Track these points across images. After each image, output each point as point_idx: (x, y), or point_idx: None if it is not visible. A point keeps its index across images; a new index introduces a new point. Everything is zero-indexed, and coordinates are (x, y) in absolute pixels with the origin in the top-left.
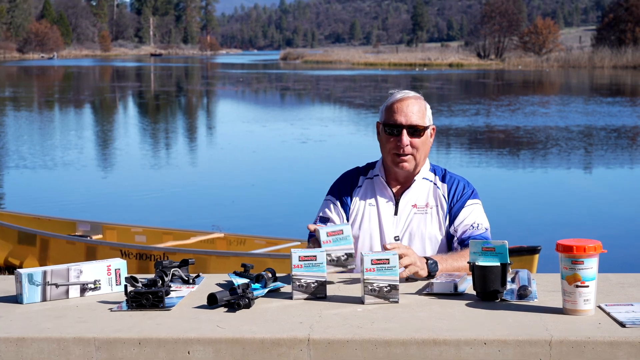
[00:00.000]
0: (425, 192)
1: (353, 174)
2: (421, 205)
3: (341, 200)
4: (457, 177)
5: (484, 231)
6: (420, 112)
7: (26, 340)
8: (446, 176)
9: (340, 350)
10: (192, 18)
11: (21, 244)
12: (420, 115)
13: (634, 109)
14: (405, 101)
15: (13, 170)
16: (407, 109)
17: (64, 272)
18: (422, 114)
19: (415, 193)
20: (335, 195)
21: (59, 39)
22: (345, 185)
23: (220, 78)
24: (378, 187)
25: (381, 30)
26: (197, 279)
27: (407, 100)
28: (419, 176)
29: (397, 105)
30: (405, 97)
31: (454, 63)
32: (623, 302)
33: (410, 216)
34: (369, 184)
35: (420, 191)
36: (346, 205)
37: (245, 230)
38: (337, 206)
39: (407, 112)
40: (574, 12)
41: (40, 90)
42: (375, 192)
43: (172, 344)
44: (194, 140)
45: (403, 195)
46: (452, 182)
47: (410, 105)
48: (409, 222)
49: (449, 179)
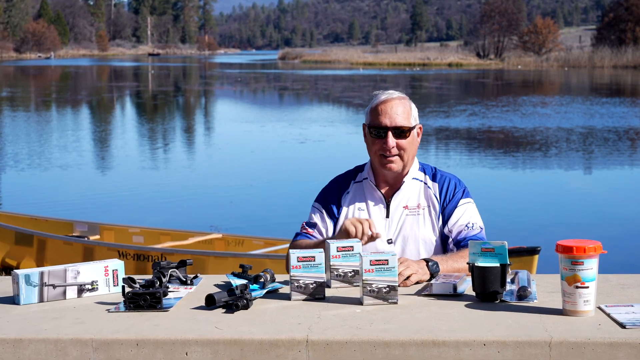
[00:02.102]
0: (416, 193)
1: (342, 179)
2: (412, 206)
3: (327, 208)
4: (448, 175)
5: (479, 231)
6: (405, 113)
7: (23, 342)
8: (437, 175)
9: (339, 351)
10: (190, 17)
11: (18, 244)
12: (405, 115)
13: (634, 109)
14: (389, 102)
15: (10, 171)
16: (392, 110)
17: (61, 273)
18: (407, 114)
19: (405, 194)
20: (321, 202)
21: (56, 39)
22: (332, 192)
23: (219, 78)
24: (368, 190)
25: (380, 30)
26: (195, 280)
27: (391, 102)
28: (408, 177)
29: (381, 107)
30: (389, 99)
31: (453, 63)
32: (623, 303)
33: (402, 218)
34: (359, 188)
35: (411, 192)
36: (332, 213)
37: (244, 230)
38: (323, 214)
39: (392, 114)
40: (574, 11)
41: (37, 90)
42: (365, 196)
43: (170, 345)
44: (192, 140)
45: (394, 197)
46: (443, 181)
47: (395, 107)
48: (401, 224)
49: (440, 177)
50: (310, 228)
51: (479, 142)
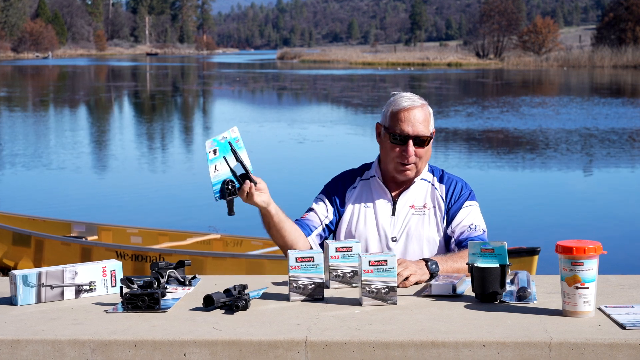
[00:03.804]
0: (424, 193)
1: (348, 174)
2: (419, 206)
3: (330, 197)
4: (455, 177)
5: (481, 233)
6: (425, 122)
7: (21, 343)
8: (444, 177)
9: (337, 352)
10: (188, 17)
11: (16, 245)
12: (426, 124)
13: (634, 109)
14: (412, 110)
15: (8, 171)
16: (414, 119)
17: (59, 273)
18: (427, 122)
19: (413, 194)
20: (325, 193)
21: (53, 38)
22: (338, 185)
23: (217, 78)
24: (375, 188)
25: (379, 30)
26: (194, 281)
27: (414, 110)
28: (418, 177)
29: (404, 113)
30: (413, 106)
31: (453, 62)
32: (623, 303)
33: (408, 217)
34: (365, 185)
35: (419, 192)
36: (335, 204)
37: (242, 231)
38: (325, 201)
39: (414, 122)
40: (574, 11)
41: (35, 90)
42: (372, 193)
43: (168, 346)
44: (190, 140)
45: (401, 196)
46: (450, 183)
47: (417, 115)
48: (406, 222)
49: (447, 179)
50: (306, 212)
51: (479, 142)
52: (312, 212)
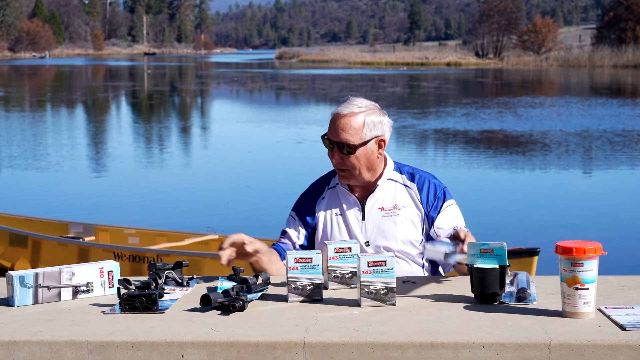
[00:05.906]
0: (392, 194)
1: (316, 185)
2: (389, 208)
3: (300, 216)
4: (426, 174)
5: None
6: (353, 129)
7: (17, 344)
8: (415, 175)
9: (336, 353)
10: (186, 16)
11: (12, 245)
12: (353, 132)
13: (634, 109)
14: (339, 117)
15: (4, 171)
16: (339, 125)
17: (56, 274)
18: (356, 130)
19: (380, 196)
20: (295, 210)
21: (51, 38)
22: (307, 199)
23: (215, 77)
24: (342, 194)
25: (378, 29)
26: (191, 281)
27: (342, 116)
28: (382, 179)
29: (332, 119)
30: (339, 114)
31: (452, 62)
32: (623, 304)
33: (378, 219)
34: (333, 193)
35: (386, 193)
36: (305, 221)
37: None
38: (296, 221)
39: (338, 130)
40: (574, 10)
41: (32, 90)
42: (340, 200)
43: (166, 347)
44: (188, 140)
45: (368, 200)
46: (422, 183)
47: (344, 122)
48: (377, 225)
49: (419, 178)
50: (282, 236)
51: (478, 142)
52: (286, 235)
